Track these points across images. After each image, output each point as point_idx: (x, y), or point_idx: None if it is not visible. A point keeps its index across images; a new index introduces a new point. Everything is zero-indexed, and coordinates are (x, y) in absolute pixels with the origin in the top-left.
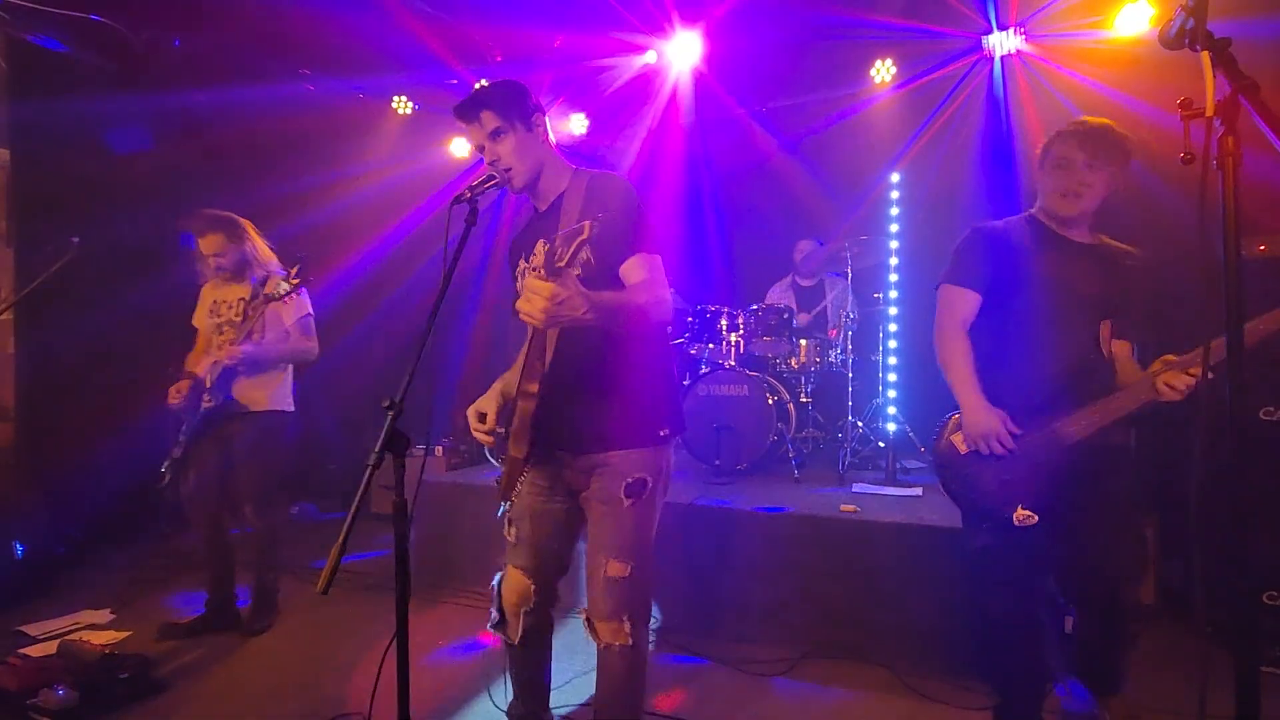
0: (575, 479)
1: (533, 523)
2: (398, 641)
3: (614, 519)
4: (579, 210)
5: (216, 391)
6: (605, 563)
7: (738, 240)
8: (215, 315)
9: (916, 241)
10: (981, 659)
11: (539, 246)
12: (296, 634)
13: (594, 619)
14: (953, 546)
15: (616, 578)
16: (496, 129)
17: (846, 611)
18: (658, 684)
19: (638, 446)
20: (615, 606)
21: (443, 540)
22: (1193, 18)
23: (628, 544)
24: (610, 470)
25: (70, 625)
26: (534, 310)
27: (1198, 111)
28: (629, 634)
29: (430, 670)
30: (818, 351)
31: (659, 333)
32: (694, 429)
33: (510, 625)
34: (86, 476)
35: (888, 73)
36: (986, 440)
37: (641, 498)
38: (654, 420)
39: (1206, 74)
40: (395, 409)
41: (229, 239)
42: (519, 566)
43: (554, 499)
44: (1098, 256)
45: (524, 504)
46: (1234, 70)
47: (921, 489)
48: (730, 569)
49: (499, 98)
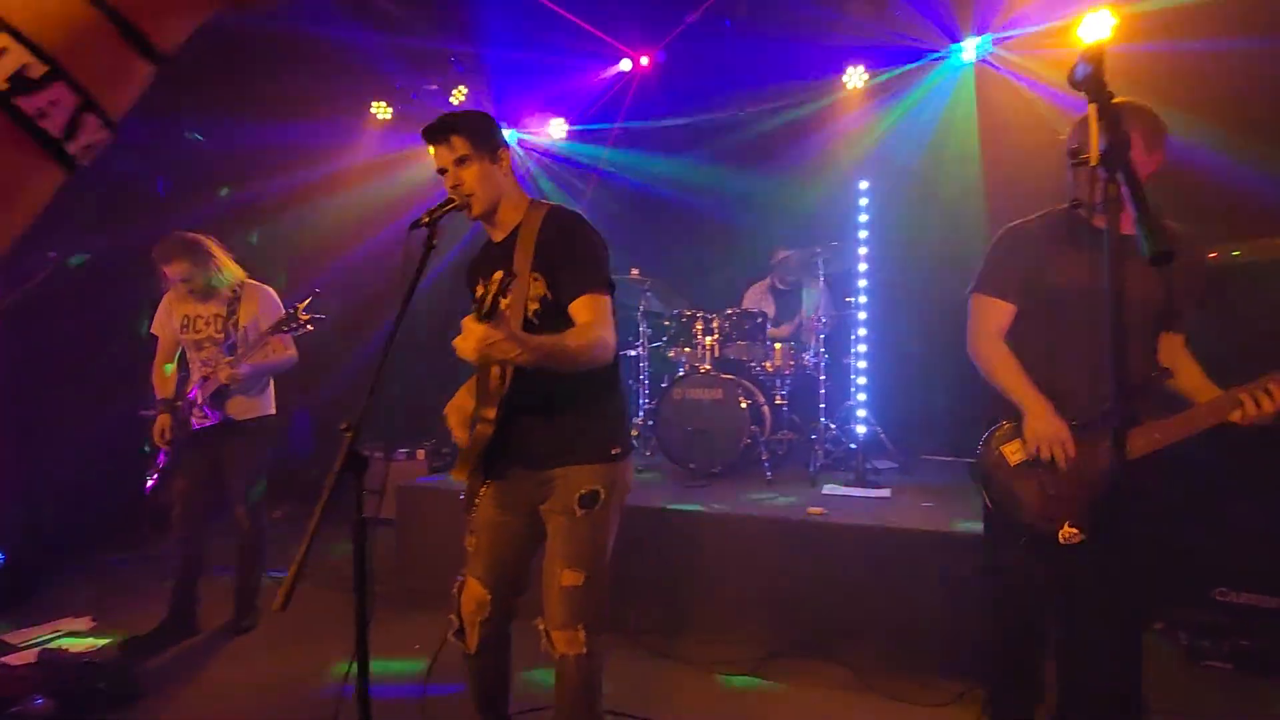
0: (534, 493)
1: (491, 533)
2: (358, 661)
3: (569, 529)
4: (534, 247)
5: (211, 409)
6: (560, 572)
7: (714, 244)
8: (190, 331)
9: (886, 248)
10: (980, 665)
11: (496, 276)
12: (275, 637)
13: (550, 629)
14: (916, 548)
15: (570, 586)
16: (464, 156)
17: (813, 612)
18: (627, 685)
19: (589, 462)
20: (570, 615)
21: (423, 543)
22: (1091, 65)
23: (582, 553)
24: (565, 483)
25: (51, 633)
26: (465, 349)
27: (1084, 160)
28: (584, 643)
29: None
30: (792, 354)
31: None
32: (669, 432)
33: (469, 636)
34: (66, 484)
35: (859, 79)
36: (1050, 447)
37: (594, 509)
38: (606, 439)
39: (1092, 125)
40: (353, 430)
41: (194, 263)
42: (476, 576)
43: (513, 512)
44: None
45: (483, 516)
46: (1114, 124)
47: (890, 490)
48: (700, 571)
49: (470, 126)
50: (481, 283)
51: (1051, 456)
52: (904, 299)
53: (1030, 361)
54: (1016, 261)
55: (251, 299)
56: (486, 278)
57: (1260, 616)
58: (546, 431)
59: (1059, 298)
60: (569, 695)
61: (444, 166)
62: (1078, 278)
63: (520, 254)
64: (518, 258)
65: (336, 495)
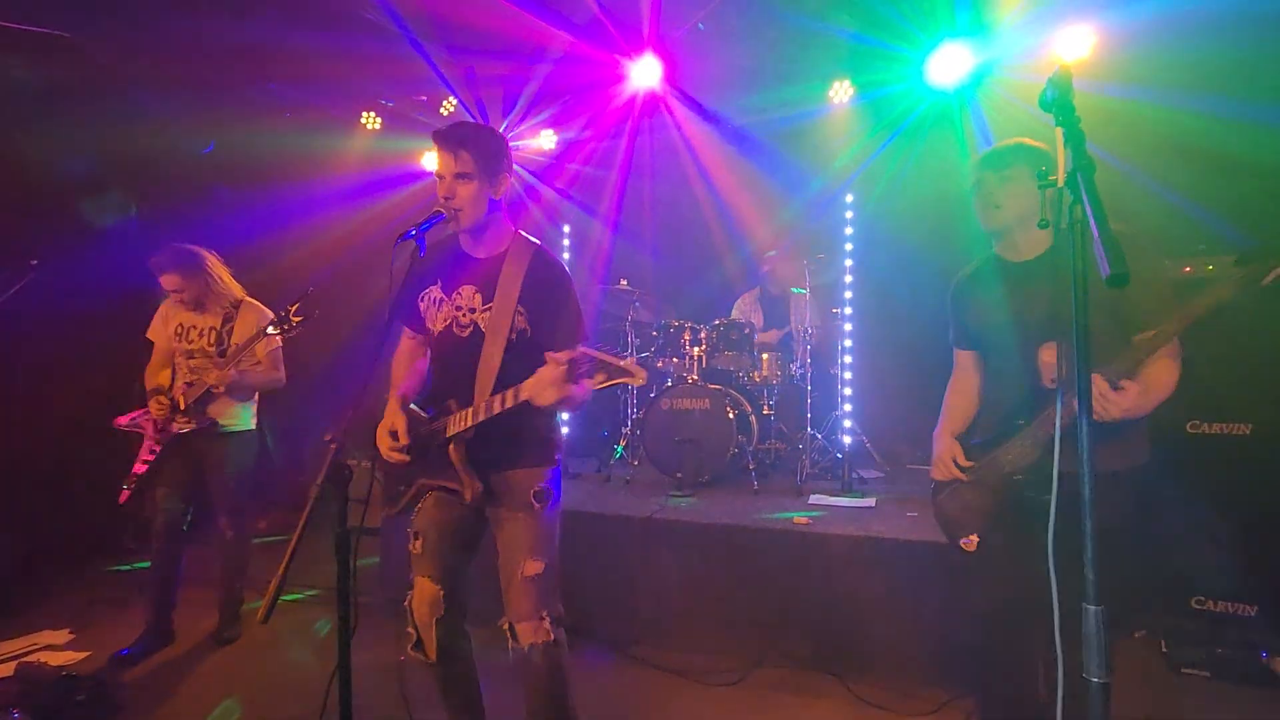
0: (484, 496)
1: (438, 532)
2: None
3: (527, 522)
4: (518, 290)
5: (194, 414)
6: (524, 562)
7: (701, 256)
8: (183, 340)
9: (871, 260)
10: (970, 673)
11: (468, 290)
12: (255, 649)
13: (515, 622)
14: (899, 557)
15: (534, 575)
16: (466, 173)
17: (798, 622)
18: (611, 695)
19: (539, 465)
20: (535, 604)
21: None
22: (1056, 90)
23: (541, 544)
24: (520, 483)
25: (28, 646)
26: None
27: (1051, 180)
28: (549, 629)
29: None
30: (779, 365)
31: None
32: (657, 442)
33: (426, 642)
34: (45, 496)
35: (845, 93)
36: (937, 464)
37: (548, 504)
38: (550, 448)
39: (1058, 147)
40: (338, 441)
41: (185, 276)
42: (426, 575)
43: (460, 511)
44: (1047, 272)
45: (428, 517)
46: (1080, 147)
47: (875, 499)
48: (688, 580)
49: (481, 146)
50: (439, 285)
51: (950, 475)
52: (889, 310)
53: (986, 395)
54: (957, 314)
55: (249, 317)
56: (451, 286)
57: (1237, 625)
58: (506, 440)
59: (982, 338)
60: (539, 685)
61: (443, 174)
62: (988, 319)
63: (505, 284)
64: (502, 287)
65: (322, 505)
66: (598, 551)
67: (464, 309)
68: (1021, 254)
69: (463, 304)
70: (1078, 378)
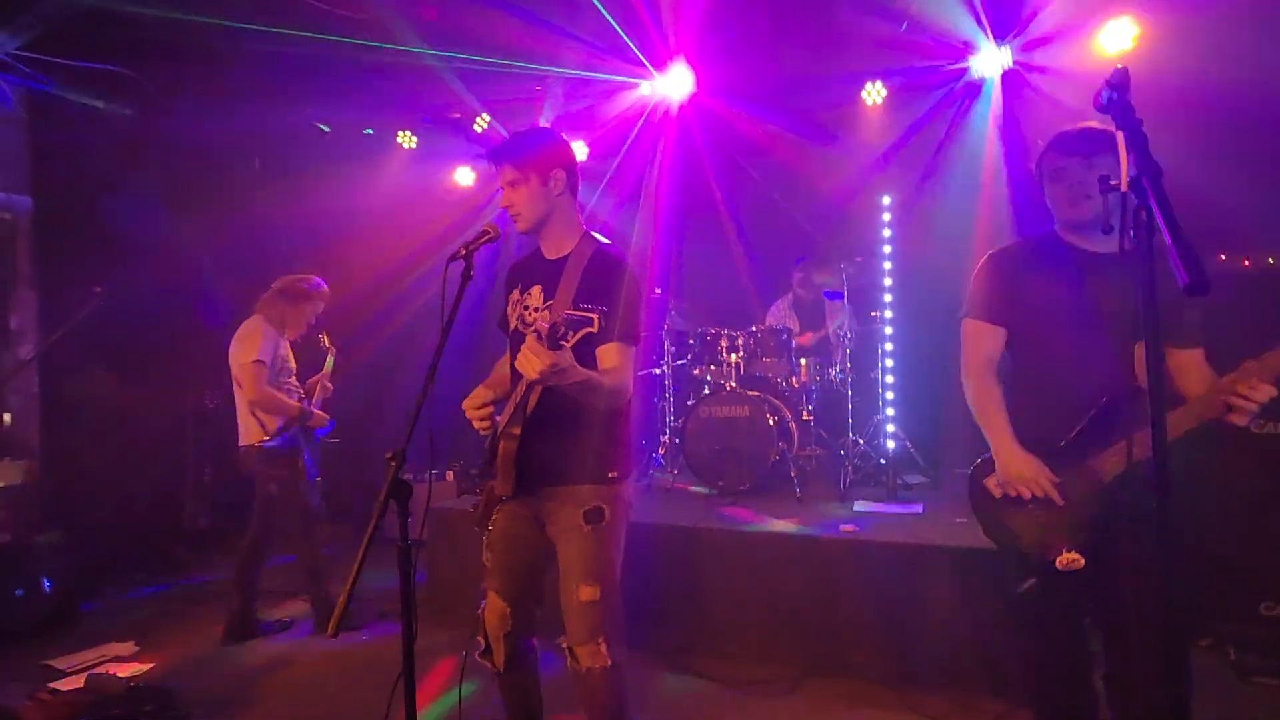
0: (542, 509)
1: (505, 546)
2: (404, 682)
3: (578, 545)
4: (578, 284)
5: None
6: (577, 588)
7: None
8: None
9: (909, 261)
10: (1025, 686)
11: (536, 290)
12: (320, 664)
13: (573, 645)
14: (951, 565)
15: (589, 601)
16: (514, 180)
17: (849, 631)
18: (660, 705)
19: (589, 483)
20: (591, 629)
21: (452, 564)
22: (1115, 92)
23: (594, 568)
24: (569, 501)
25: (97, 658)
26: (530, 371)
27: (1115, 185)
28: (606, 654)
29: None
30: (818, 370)
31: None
32: (697, 450)
33: (495, 652)
34: (109, 511)
35: (878, 95)
36: (1023, 486)
37: (600, 525)
38: (604, 464)
39: (1121, 153)
40: (398, 459)
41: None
42: (495, 589)
43: (526, 526)
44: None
45: (499, 530)
46: (1144, 151)
47: (922, 505)
48: (733, 590)
49: (518, 153)
50: (519, 289)
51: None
52: (929, 311)
53: (1023, 384)
54: (1000, 284)
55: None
56: (526, 287)
57: None
58: (559, 451)
59: (1039, 319)
60: (598, 708)
61: (502, 187)
62: (1055, 297)
63: (565, 283)
64: (562, 286)
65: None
66: (645, 561)
67: (530, 308)
68: (1095, 246)
69: (530, 303)
70: (1150, 380)
